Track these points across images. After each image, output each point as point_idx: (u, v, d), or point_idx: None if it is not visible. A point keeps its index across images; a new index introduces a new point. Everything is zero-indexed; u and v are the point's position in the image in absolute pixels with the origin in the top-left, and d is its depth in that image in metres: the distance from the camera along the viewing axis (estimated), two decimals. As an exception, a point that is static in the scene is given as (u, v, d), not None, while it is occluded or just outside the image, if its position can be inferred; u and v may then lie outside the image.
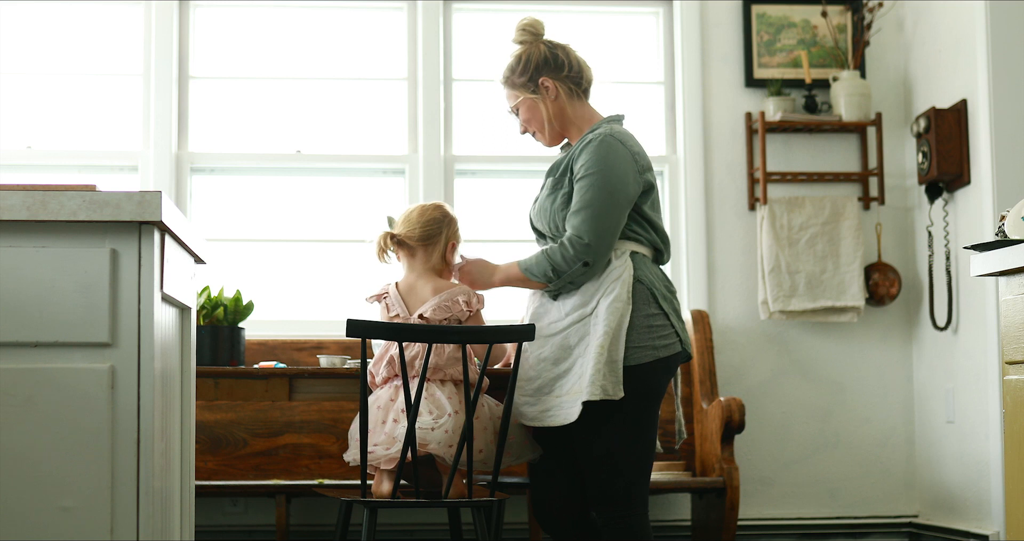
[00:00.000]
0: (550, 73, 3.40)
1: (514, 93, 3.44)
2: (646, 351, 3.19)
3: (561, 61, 3.41)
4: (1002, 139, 4.69)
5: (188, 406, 2.73)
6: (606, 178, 3.21)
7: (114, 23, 5.30)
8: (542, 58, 3.41)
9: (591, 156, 3.24)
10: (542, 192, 3.40)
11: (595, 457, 3.20)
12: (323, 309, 5.21)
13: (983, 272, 2.91)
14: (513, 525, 4.91)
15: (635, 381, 3.17)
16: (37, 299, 2.13)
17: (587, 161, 3.24)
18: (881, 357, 5.30)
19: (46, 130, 5.24)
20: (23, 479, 2.11)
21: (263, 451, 4.96)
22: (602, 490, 3.20)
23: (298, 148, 5.31)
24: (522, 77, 3.41)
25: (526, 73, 3.40)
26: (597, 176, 3.21)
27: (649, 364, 3.19)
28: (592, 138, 3.28)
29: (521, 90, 3.42)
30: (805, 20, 5.38)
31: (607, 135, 3.28)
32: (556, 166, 3.36)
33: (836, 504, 5.25)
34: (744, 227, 5.31)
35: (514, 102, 3.45)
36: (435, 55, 5.30)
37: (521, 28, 3.48)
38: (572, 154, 3.32)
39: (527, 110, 3.42)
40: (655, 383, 3.22)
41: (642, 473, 3.24)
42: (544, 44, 3.44)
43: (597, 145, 3.25)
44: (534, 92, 3.40)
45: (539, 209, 3.38)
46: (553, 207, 3.30)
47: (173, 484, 2.55)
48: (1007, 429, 2.84)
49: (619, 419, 3.19)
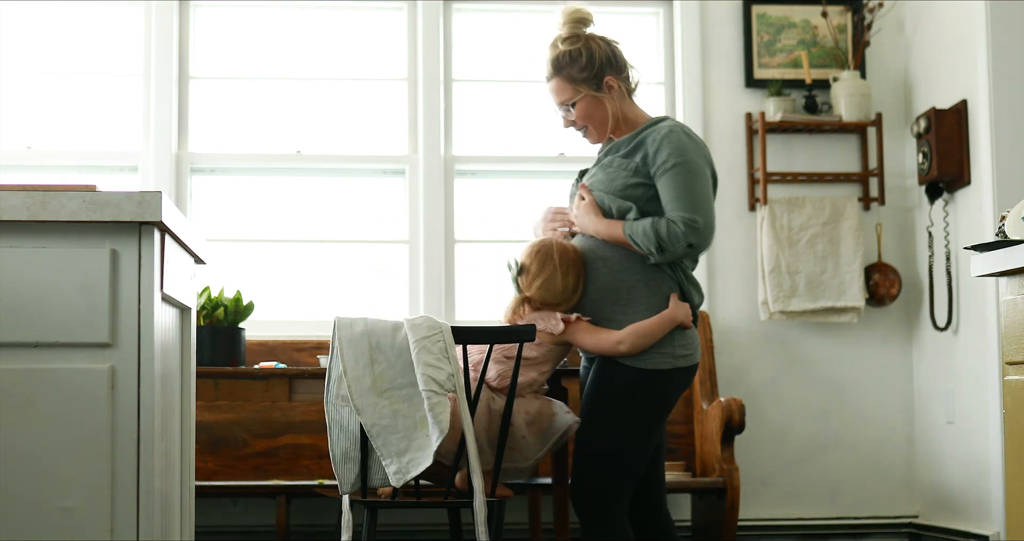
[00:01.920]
0: (614, 72, 3.32)
1: (573, 88, 3.30)
2: (666, 358, 3.20)
3: (621, 60, 3.34)
4: (1002, 139, 4.69)
5: (188, 406, 2.73)
6: (697, 166, 3.21)
7: (114, 23, 5.30)
8: (605, 55, 3.31)
9: (674, 146, 3.20)
10: (598, 166, 3.33)
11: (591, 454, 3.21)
12: (323, 309, 5.21)
13: (983, 272, 2.91)
14: (513, 525, 4.91)
15: (649, 386, 3.19)
16: (37, 299, 2.13)
17: (672, 151, 3.20)
18: (881, 357, 5.30)
19: (46, 130, 5.24)
20: (23, 479, 2.11)
21: (263, 451, 4.96)
22: (586, 488, 3.20)
23: (298, 148, 5.31)
24: (584, 72, 3.29)
25: (590, 69, 3.29)
26: (688, 164, 3.19)
27: (666, 371, 3.21)
28: (664, 130, 3.24)
29: (583, 86, 3.29)
30: (805, 20, 5.38)
31: (677, 127, 3.26)
32: (616, 147, 3.31)
33: (836, 504, 5.25)
34: (744, 227, 5.31)
35: (571, 97, 3.31)
36: (435, 55, 5.30)
37: (574, 19, 3.34)
38: (642, 142, 3.25)
39: (587, 107, 3.31)
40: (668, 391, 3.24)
41: (626, 474, 3.23)
42: (600, 40, 3.34)
43: (676, 137, 3.22)
44: (598, 89, 3.31)
45: (605, 176, 3.28)
46: (622, 175, 3.25)
47: (173, 484, 2.55)
48: (1007, 429, 2.84)
49: (627, 422, 3.20)
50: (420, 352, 3.01)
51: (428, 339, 3.03)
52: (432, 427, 2.98)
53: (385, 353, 3.05)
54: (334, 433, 3.10)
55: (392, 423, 3.02)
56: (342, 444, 3.10)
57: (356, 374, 3.04)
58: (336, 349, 3.05)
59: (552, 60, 3.33)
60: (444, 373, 3.00)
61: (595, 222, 3.26)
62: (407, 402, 3.04)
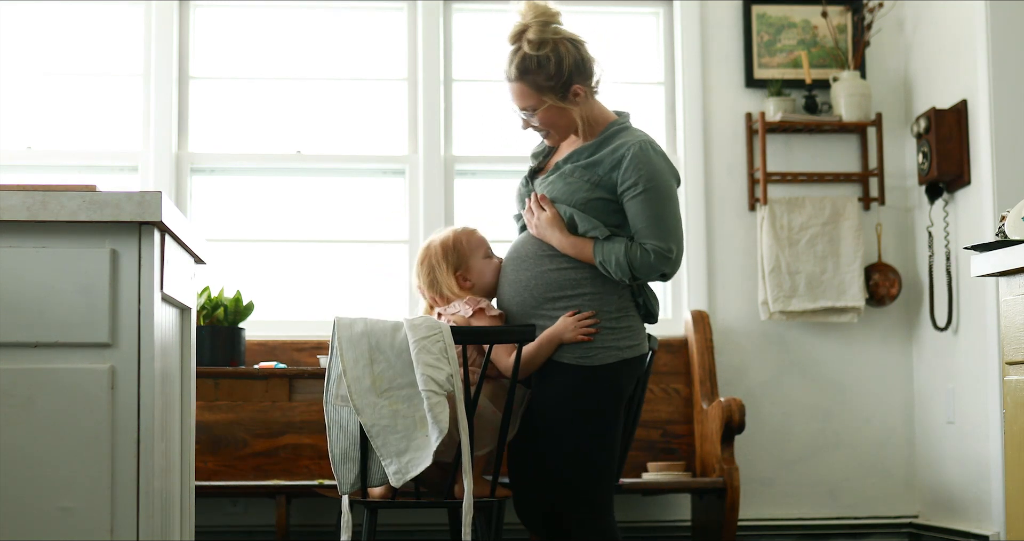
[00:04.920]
0: (581, 80, 3.21)
1: (538, 96, 3.19)
2: (610, 352, 3.19)
3: (588, 65, 3.22)
4: (1002, 139, 4.69)
5: (188, 406, 2.73)
6: (668, 189, 3.17)
7: (114, 23, 5.30)
8: (573, 62, 3.18)
9: (645, 168, 3.14)
10: (557, 175, 3.25)
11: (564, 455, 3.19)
12: (323, 309, 5.21)
13: (983, 272, 2.91)
14: (513, 525, 4.91)
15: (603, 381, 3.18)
16: (37, 299, 2.13)
17: (643, 174, 3.13)
18: (881, 357, 5.30)
19: (46, 130, 5.24)
20: (23, 479, 2.11)
21: (263, 451, 4.96)
22: (569, 491, 3.19)
23: (298, 148, 5.31)
24: (551, 81, 3.17)
25: (558, 78, 3.17)
26: (658, 189, 3.15)
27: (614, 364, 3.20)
28: (633, 148, 3.16)
29: (548, 95, 3.18)
30: (805, 20, 5.38)
31: (645, 144, 3.18)
32: (577, 154, 3.23)
33: (836, 504, 5.25)
34: (744, 227, 5.31)
35: (532, 103, 3.21)
36: (435, 55, 5.30)
37: (542, 20, 3.20)
38: (605, 158, 3.18)
39: (551, 116, 3.22)
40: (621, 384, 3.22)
41: (603, 475, 3.22)
42: (569, 42, 3.20)
43: (646, 157, 3.15)
44: (563, 99, 3.20)
45: (566, 187, 3.20)
46: (584, 187, 3.19)
47: (173, 484, 2.55)
48: (1007, 429, 2.84)
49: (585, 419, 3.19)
50: (420, 352, 3.01)
51: (428, 339, 3.03)
52: (431, 427, 2.98)
53: (385, 353, 3.05)
54: (333, 433, 3.10)
55: (391, 423, 3.02)
56: (341, 444, 3.10)
57: (356, 374, 3.04)
58: (336, 349, 3.05)
59: (517, 62, 3.19)
60: (443, 373, 3.00)
61: (560, 239, 3.20)
62: (407, 402, 3.04)
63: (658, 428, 5.12)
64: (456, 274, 3.37)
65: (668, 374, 5.16)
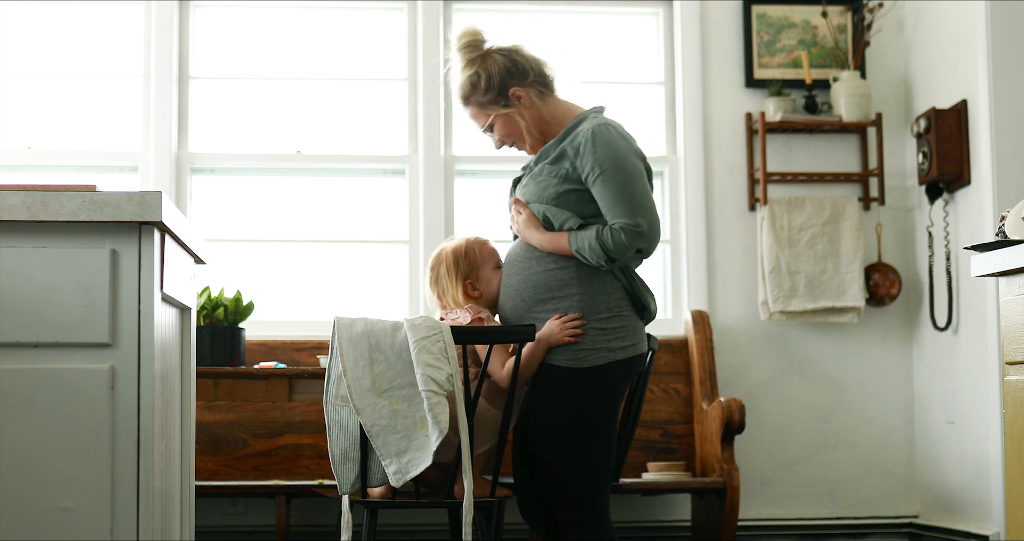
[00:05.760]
0: (517, 82, 3.27)
1: (483, 112, 3.29)
2: (600, 353, 3.19)
3: (523, 67, 3.27)
4: (1002, 139, 4.69)
5: (188, 406, 2.73)
6: (628, 165, 3.15)
7: (114, 23, 5.31)
8: (503, 69, 3.26)
9: (600, 150, 3.14)
10: (529, 176, 3.29)
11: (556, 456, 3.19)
12: (323, 309, 5.21)
13: (983, 272, 2.91)
14: (513, 525, 4.91)
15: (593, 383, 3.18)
16: (37, 299, 2.13)
17: (598, 156, 3.14)
18: (881, 357, 5.31)
19: (46, 130, 5.24)
20: (23, 479, 2.11)
21: (263, 451, 4.96)
22: (565, 492, 3.19)
23: (298, 148, 5.31)
24: (488, 94, 3.26)
25: (491, 90, 3.26)
26: (617, 167, 3.14)
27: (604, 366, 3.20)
28: (588, 133, 3.17)
29: (492, 108, 3.27)
30: (805, 20, 5.38)
31: (599, 127, 3.18)
32: (545, 153, 3.26)
33: (836, 504, 5.25)
34: (744, 227, 5.31)
35: (486, 121, 3.30)
36: (435, 55, 5.30)
37: (464, 45, 3.29)
38: (567, 148, 3.21)
39: (504, 125, 3.29)
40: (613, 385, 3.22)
41: (600, 477, 3.21)
42: (496, 53, 3.29)
43: (601, 138, 3.15)
44: (506, 106, 3.27)
45: (536, 187, 3.24)
46: (553, 183, 3.20)
47: (173, 484, 2.55)
48: (1007, 429, 2.84)
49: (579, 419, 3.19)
50: (420, 352, 3.01)
51: (428, 339, 3.03)
52: (432, 427, 2.98)
53: (385, 353, 3.06)
54: (333, 433, 3.10)
55: (391, 423, 3.02)
56: (341, 444, 3.10)
57: (356, 374, 3.04)
58: (336, 349, 3.05)
59: (457, 91, 3.32)
60: (443, 373, 3.00)
61: (537, 236, 3.23)
62: (406, 402, 3.04)
63: (658, 428, 5.12)
64: (465, 283, 3.37)
65: (668, 374, 5.16)
